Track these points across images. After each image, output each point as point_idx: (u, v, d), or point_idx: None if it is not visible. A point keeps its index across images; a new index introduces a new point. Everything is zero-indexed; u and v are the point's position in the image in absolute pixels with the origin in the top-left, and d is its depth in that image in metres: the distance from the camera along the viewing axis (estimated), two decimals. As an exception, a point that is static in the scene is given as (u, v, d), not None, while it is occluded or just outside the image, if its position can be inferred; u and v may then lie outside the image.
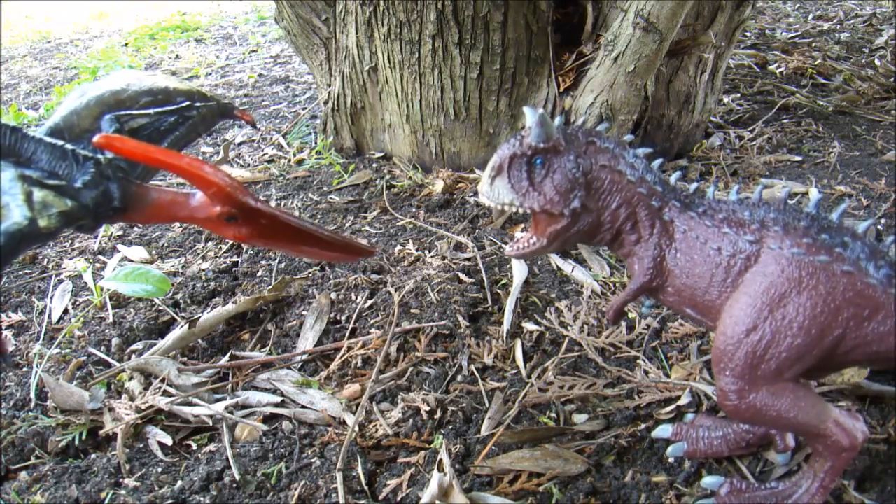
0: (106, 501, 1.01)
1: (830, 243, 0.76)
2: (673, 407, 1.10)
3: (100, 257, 1.74)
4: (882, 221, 1.64)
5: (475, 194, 1.89)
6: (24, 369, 1.32)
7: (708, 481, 0.94)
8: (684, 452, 1.00)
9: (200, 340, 1.36)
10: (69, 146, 0.83)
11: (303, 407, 1.16)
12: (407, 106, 1.98)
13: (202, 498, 0.99)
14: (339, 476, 1.00)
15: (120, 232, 1.87)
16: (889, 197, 1.75)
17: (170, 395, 1.19)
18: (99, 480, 1.04)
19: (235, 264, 1.64)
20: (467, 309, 1.37)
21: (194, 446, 1.11)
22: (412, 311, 1.37)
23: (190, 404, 1.17)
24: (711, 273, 0.81)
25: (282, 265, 1.60)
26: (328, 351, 1.30)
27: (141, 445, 1.12)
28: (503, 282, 1.48)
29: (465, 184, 1.95)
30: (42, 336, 1.42)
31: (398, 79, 1.94)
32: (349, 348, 1.29)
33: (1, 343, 0.86)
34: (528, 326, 1.32)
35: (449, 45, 1.79)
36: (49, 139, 0.83)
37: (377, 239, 1.69)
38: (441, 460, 1.02)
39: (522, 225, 1.73)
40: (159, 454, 1.10)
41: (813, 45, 3.15)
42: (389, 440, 1.08)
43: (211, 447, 1.10)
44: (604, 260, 1.53)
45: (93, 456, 1.11)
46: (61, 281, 1.63)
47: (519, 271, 1.47)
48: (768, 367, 0.77)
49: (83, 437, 1.13)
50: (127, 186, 0.86)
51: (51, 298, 1.56)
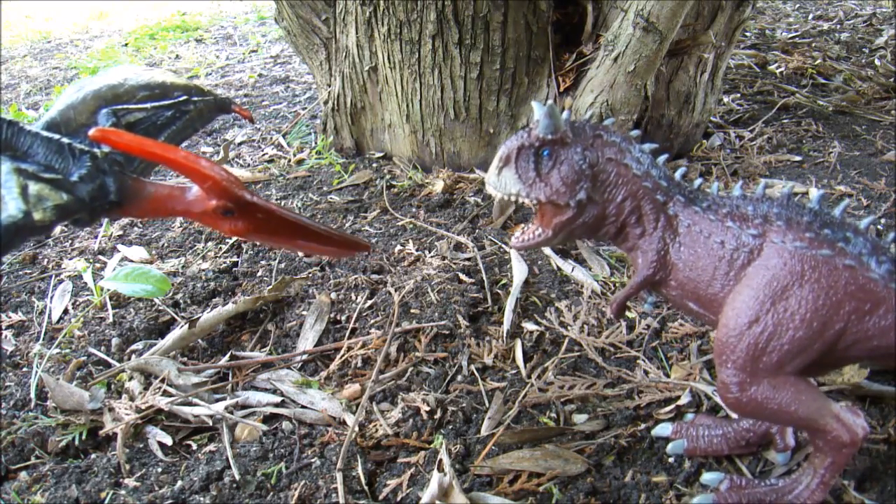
0: (106, 501, 1.01)
1: (833, 238, 0.77)
2: (672, 407, 1.10)
3: (100, 257, 1.74)
4: (882, 221, 1.64)
5: (475, 194, 1.89)
6: (24, 369, 1.32)
7: (708, 477, 0.94)
8: (684, 450, 1.00)
9: (200, 340, 1.36)
10: (65, 140, 0.83)
11: (303, 407, 1.16)
12: (407, 106, 1.98)
13: (202, 498, 0.99)
14: (339, 476, 1.00)
15: (120, 232, 1.87)
16: (889, 197, 1.75)
17: (170, 395, 1.19)
18: (99, 480, 1.04)
19: (235, 264, 1.64)
20: (467, 309, 1.37)
21: (194, 446, 1.11)
22: (412, 311, 1.37)
23: (190, 404, 1.17)
24: (714, 266, 0.82)
25: (282, 265, 1.60)
26: (328, 351, 1.30)
27: (141, 445, 1.12)
28: (503, 282, 1.48)
29: (465, 184, 1.95)
30: (42, 336, 1.42)
31: (398, 79, 1.94)
32: (349, 348, 1.29)
33: None
34: (528, 326, 1.32)
35: (449, 45, 1.79)
36: (45, 133, 0.83)
37: (377, 239, 1.69)
38: (441, 460, 1.02)
39: (522, 225, 1.73)
40: (159, 454, 1.10)
41: (813, 45, 3.15)
42: (389, 440, 1.08)
43: (211, 447, 1.10)
44: (604, 260, 1.53)
45: (93, 456, 1.11)
46: (61, 281, 1.63)
47: (519, 271, 1.47)
48: (770, 360, 0.77)
49: (83, 437, 1.13)
50: (123, 180, 0.86)
51: (51, 298, 1.56)
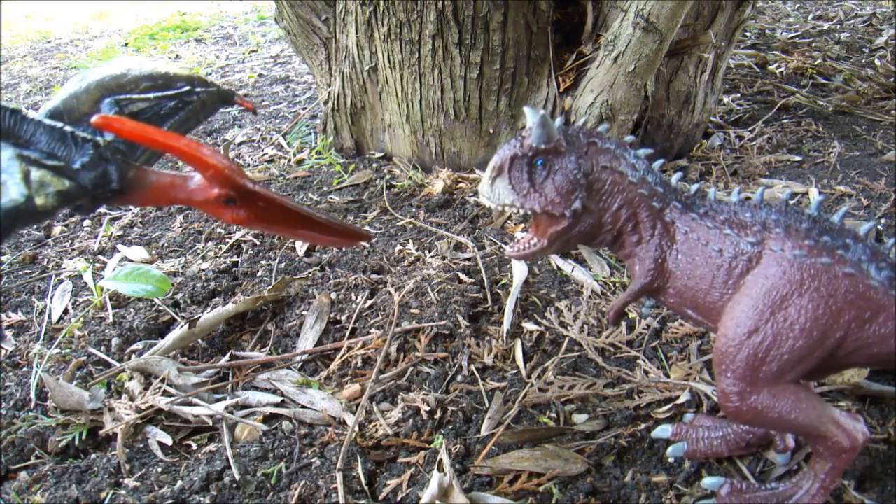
0: (106, 501, 1.01)
1: (832, 245, 0.76)
2: (671, 406, 1.10)
3: (100, 257, 1.74)
4: (882, 221, 1.64)
5: (475, 194, 1.89)
6: (24, 369, 1.32)
7: (708, 482, 0.94)
8: (684, 453, 1.00)
9: (200, 340, 1.36)
10: (68, 128, 0.83)
11: (303, 407, 1.17)
12: (407, 106, 1.98)
13: (202, 498, 0.99)
14: (339, 476, 1.00)
15: (120, 232, 1.87)
16: (889, 197, 1.75)
17: (170, 395, 1.19)
18: (99, 480, 1.04)
19: (235, 264, 1.64)
20: (467, 309, 1.37)
21: (194, 446, 1.11)
22: (412, 311, 1.37)
23: (190, 404, 1.17)
24: (713, 275, 0.81)
25: (282, 265, 1.60)
26: (328, 351, 1.30)
27: (141, 445, 1.12)
28: (503, 282, 1.48)
29: (465, 184, 1.95)
30: (42, 336, 1.42)
31: (398, 79, 1.94)
32: (349, 348, 1.29)
33: None
34: (528, 326, 1.32)
35: (449, 45, 1.79)
36: (48, 121, 0.83)
37: (377, 239, 1.69)
38: (441, 460, 1.02)
39: (523, 225, 1.73)
40: (159, 454, 1.10)
41: (813, 45, 3.15)
42: (389, 440, 1.08)
43: (211, 447, 1.10)
44: (604, 260, 1.53)
45: (93, 456, 1.11)
46: (61, 281, 1.63)
47: (519, 271, 1.47)
48: (770, 369, 0.77)
49: (83, 437, 1.13)
50: (125, 169, 0.86)
51: (51, 298, 1.56)
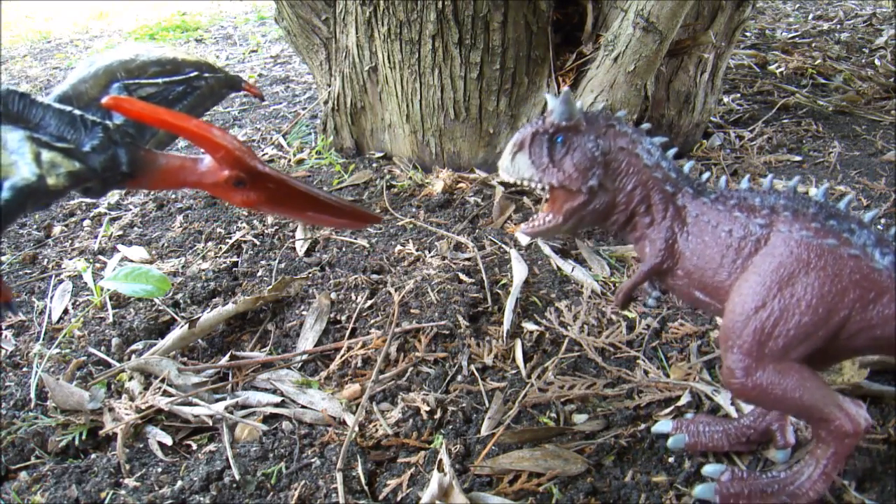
0: (106, 501, 1.01)
1: (838, 228, 0.79)
2: (672, 408, 1.10)
3: (100, 257, 1.74)
4: (882, 221, 1.64)
5: (475, 194, 1.89)
6: (24, 369, 1.32)
7: (709, 469, 0.95)
8: (685, 444, 1.00)
9: (200, 340, 1.36)
10: (77, 112, 0.84)
11: (303, 407, 1.17)
12: (407, 106, 1.98)
13: (202, 498, 0.99)
14: (339, 476, 1.00)
15: (120, 232, 1.87)
16: (889, 197, 1.75)
17: (170, 395, 1.19)
18: (99, 480, 1.04)
19: (235, 264, 1.64)
20: (467, 309, 1.37)
21: (194, 446, 1.11)
22: (412, 311, 1.37)
23: (190, 404, 1.17)
24: (722, 254, 0.83)
25: (282, 265, 1.60)
26: (328, 351, 1.30)
27: (141, 445, 1.12)
28: (503, 282, 1.48)
29: (465, 184, 1.95)
30: (42, 336, 1.42)
31: (398, 79, 1.94)
32: (349, 348, 1.29)
33: (5, 291, 0.86)
34: (528, 326, 1.32)
35: (449, 45, 1.79)
36: (57, 105, 0.84)
37: (377, 239, 1.69)
38: (441, 460, 1.02)
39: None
40: (159, 454, 1.10)
41: (813, 45, 3.15)
42: (389, 440, 1.08)
43: (211, 447, 1.10)
44: (604, 260, 1.53)
45: (93, 456, 1.11)
46: (61, 281, 1.63)
47: (519, 271, 1.47)
48: (776, 345, 0.78)
49: (83, 437, 1.13)
50: (135, 152, 0.86)
51: (51, 298, 1.56)
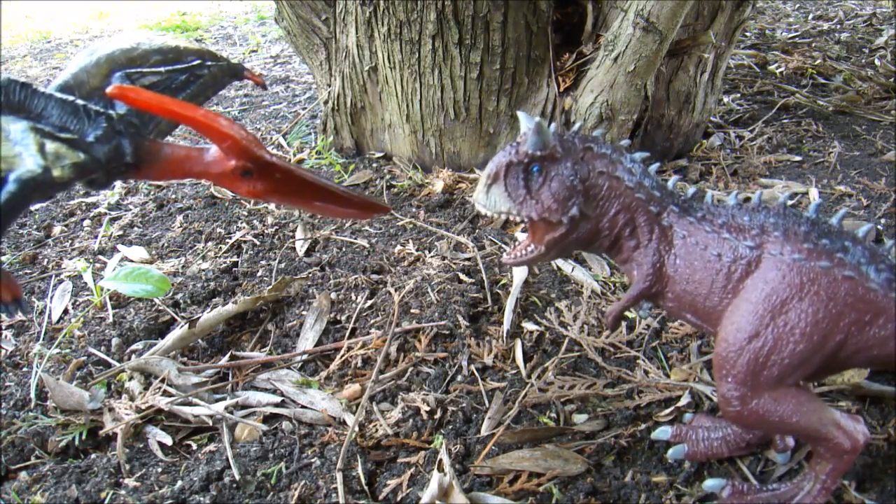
0: (106, 501, 1.01)
1: (831, 248, 0.76)
2: (672, 409, 1.10)
3: (100, 257, 1.74)
4: (882, 222, 1.64)
5: (475, 194, 1.89)
6: (24, 369, 1.32)
7: (710, 484, 0.94)
8: (685, 455, 1.00)
9: (200, 340, 1.36)
10: (80, 102, 0.83)
11: (303, 407, 1.16)
12: (407, 106, 1.98)
13: (202, 498, 0.99)
14: (339, 476, 1.00)
15: (120, 232, 1.87)
16: (889, 197, 1.75)
17: (170, 395, 1.19)
18: (99, 480, 1.04)
19: (235, 264, 1.64)
20: (467, 309, 1.37)
21: (194, 446, 1.11)
22: (412, 311, 1.37)
23: (190, 404, 1.17)
24: (712, 279, 0.81)
25: (282, 265, 1.60)
26: (328, 351, 1.30)
27: (141, 445, 1.12)
28: (503, 282, 1.48)
29: (465, 184, 1.95)
30: (42, 336, 1.42)
31: (398, 79, 1.94)
32: (349, 348, 1.29)
33: (14, 287, 0.85)
34: (528, 326, 1.32)
35: (449, 45, 1.79)
36: (60, 95, 0.83)
37: (377, 239, 1.69)
38: (441, 460, 1.02)
39: (523, 224, 1.73)
40: (159, 454, 1.10)
41: (813, 45, 3.15)
42: (389, 440, 1.08)
43: (211, 447, 1.10)
44: (604, 260, 1.53)
45: (93, 456, 1.11)
46: (61, 281, 1.63)
47: (519, 271, 1.47)
48: (770, 374, 0.77)
49: (83, 437, 1.13)
50: (139, 142, 0.85)
51: (51, 298, 1.56)
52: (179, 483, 1.02)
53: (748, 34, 3.37)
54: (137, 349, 1.35)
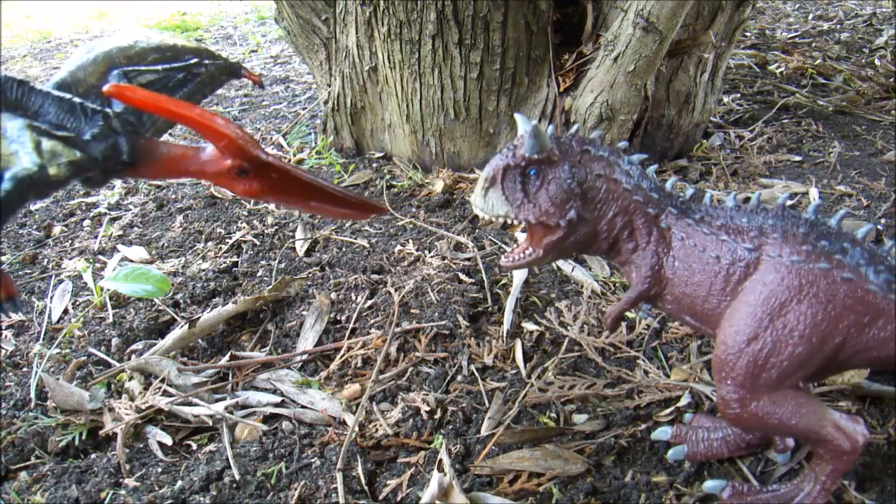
0: (106, 501, 1.01)
1: (830, 250, 0.76)
2: (672, 409, 1.10)
3: (100, 257, 1.74)
4: (882, 222, 1.64)
5: (475, 194, 1.89)
6: (24, 369, 1.32)
7: (710, 485, 0.94)
8: (685, 455, 1.00)
9: (200, 340, 1.36)
10: (77, 100, 0.83)
11: (303, 407, 1.16)
12: (407, 106, 1.98)
13: (202, 498, 0.99)
14: (339, 476, 1.00)
15: (120, 232, 1.87)
16: (889, 197, 1.75)
17: (170, 395, 1.19)
18: (99, 480, 1.04)
19: (235, 264, 1.64)
20: (467, 309, 1.37)
21: (194, 446, 1.11)
22: (412, 311, 1.37)
23: (190, 404, 1.17)
24: (710, 281, 0.81)
25: (282, 265, 1.60)
26: (328, 351, 1.30)
27: (141, 445, 1.12)
28: (503, 282, 1.48)
29: (465, 184, 1.95)
30: (42, 336, 1.42)
31: (398, 79, 1.94)
32: (349, 348, 1.29)
33: (9, 285, 0.85)
34: (528, 326, 1.32)
35: (449, 45, 1.79)
36: (56, 92, 0.83)
37: (377, 239, 1.69)
38: (441, 460, 1.02)
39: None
40: (159, 454, 1.10)
41: (813, 45, 3.15)
42: (389, 440, 1.08)
43: (211, 447, 1.10)
44: (604, 260, 1.53)
45: (93, 456, 1.11)
46: (61, 281, 1.63)
47: (519, 272, 1.47)
48: (770, 376, 0.77)
49: (83, 437, 1.13)
50: (136, 141, 0.85)
51: (51, 298, 1.56)
52: (179, 483, 1.02)
53: (748, 34, 3.37)
54: (137, 349, 1.35)
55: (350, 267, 1.57)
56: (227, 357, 1.30)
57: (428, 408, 1.12)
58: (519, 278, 1.45)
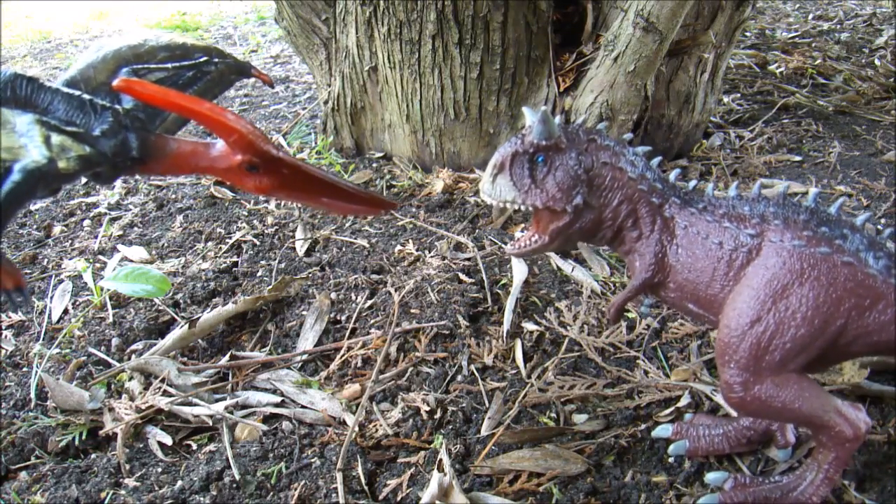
0: (106, 501, 1.01)
1: (830, 235, 0.78)
2: (672, 408, 1.10)
3: (100, 257, 1.74)
4: (882, 222, 1.64)
5: (475, 194, 1.89)
6: (24, 369, 1.32)
7: (712, 477, 0.94)
8: (686, 451, 1.00)
9: (200, 340, 1.36)
10: (86, 96, 0.83)
11: (303, 407, 1.16)
12: (407, 106, 1.98)
13: (202, 498, 0.99)
14: (339, 476, 1.00)
15: (120, 232, 1.87)
16: (889, 197, 1.75)
17: (170, 395, 1.19)
18: (99, 480, 1.04)
19: (235, 264, 1.64)
20: (467, 309, 1.37)
21: (194, 446, 1.11)
22: (412, 311, 1.37)
23: (190, 404, 1.17)
24: (713, 267, 0.82)
25: (282, 265, 1.60)
26: (328, 351, 1.30)
27: (141, 445, 1.12)
28: (503, 282, 1.48)
29: (465, 184, 1.95)
30: (42, 336, 1.42)
31: (398, 79, 1.94)
32: (349, 348, 1.29)
33: (16, 274, 0.85)
34: (528, 326, 1.32)
35: (449, 45, 1.79)
36: (66, 89, 0.83)
37: (377, 239, 1.69)
38: (441, 460, 1.02)
39: (523, 225, 1.73)
40: (159, 454, 1.10)
41: (813, 45, 3.15)
42: (389, 440, 1.08)
43: (211, 447, 1.10)
44: (604, 260, 1.53)
45: (93, 456, 1.11)
46: (61, 281, 1.63)
47: (519, 271, 1.47)
48: (773, 358, 0.77)
49: (83, 437, 1.13)
50: (145, 137, 0.85)
51: (51, 298, 1.56)
52: (179, 483, 1.02)
53: (748, 34, 3.37)
54: (137, 349, 1.35)
55: (350, 267, 1.57)
56: (227, 357, 1.30)
57: (428, 408, 1.12)
58: (519, 278, 1.45)
